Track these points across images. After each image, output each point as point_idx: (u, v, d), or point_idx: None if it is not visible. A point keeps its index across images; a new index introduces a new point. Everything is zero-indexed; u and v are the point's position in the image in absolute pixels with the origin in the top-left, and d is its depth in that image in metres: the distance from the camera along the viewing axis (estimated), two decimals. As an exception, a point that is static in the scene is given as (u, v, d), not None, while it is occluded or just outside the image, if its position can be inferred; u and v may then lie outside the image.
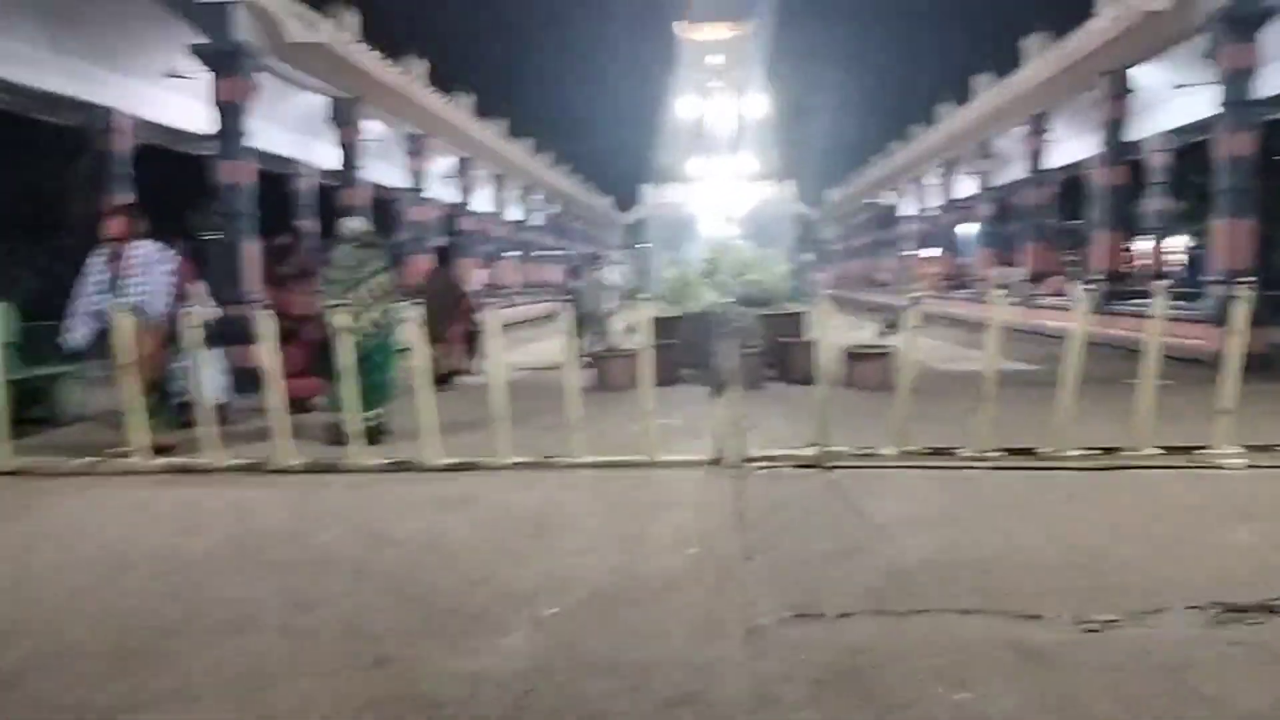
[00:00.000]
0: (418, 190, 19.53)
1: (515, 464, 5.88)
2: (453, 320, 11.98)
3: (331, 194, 24.02)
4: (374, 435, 6.87)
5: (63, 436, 7.61)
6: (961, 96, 24.48)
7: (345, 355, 5.86)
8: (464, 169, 23.06)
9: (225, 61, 11.89)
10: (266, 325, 5.97)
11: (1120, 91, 14.47)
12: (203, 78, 13.10)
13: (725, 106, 65.98)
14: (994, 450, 5.61)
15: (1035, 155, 18.85)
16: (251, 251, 12.24)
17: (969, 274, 26.63)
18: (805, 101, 49.90)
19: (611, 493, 5.32)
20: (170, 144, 18.58)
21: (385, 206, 24.91)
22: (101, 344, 6.65)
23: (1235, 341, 5.19)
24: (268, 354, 5.98)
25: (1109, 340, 14.22)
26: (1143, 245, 22.07)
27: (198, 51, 11.94)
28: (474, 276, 23.42)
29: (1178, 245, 25.44)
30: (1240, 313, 5.12)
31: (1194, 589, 3.81)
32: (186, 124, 17.07)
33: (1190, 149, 21.56)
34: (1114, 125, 14.82)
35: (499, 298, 22.14)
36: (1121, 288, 14.84)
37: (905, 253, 33.63)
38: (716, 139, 63.70)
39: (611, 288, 16.11)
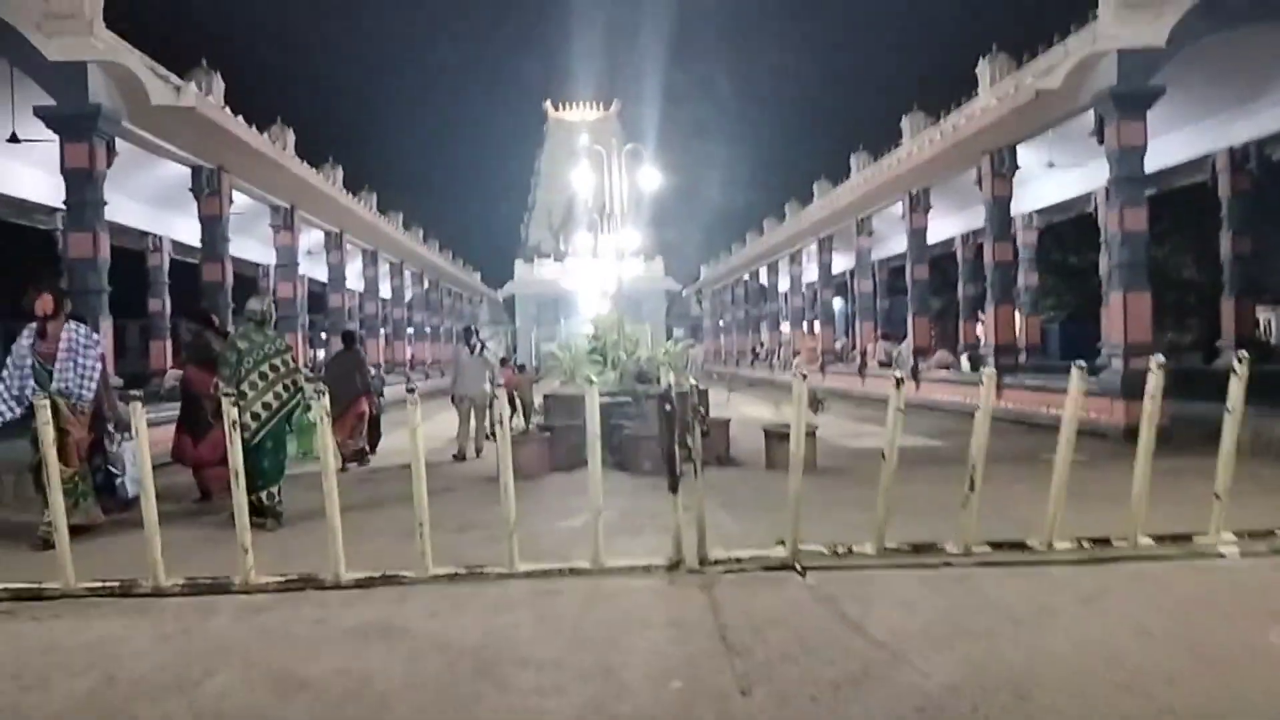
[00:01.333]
0: (286, 265, 18.39)
1: (439, 576, 5.05)
2: (356, 403, 11.91)
3: (188, 269, 22.66)
4: (266, 515, 7.18)
5: None
6: (838, 176, 24.96)
7: (235, 439, 4.99)
8: (334, 244, 22.00)
9: (76, 126, 10.80)
10: (139, 412, 5.04)
11: (1006, 169, 14.75)
12: (51, 143, 11.95)
13: (595, 185, 66.25)
14: (981, 545, 5.11)
15: (917, 231, 19.14)
16: (105, 330, 11.03)
17: (848, 349, 26.92)
18: (680, 180, 50.38)
19: (562, 612, 4.55)
20: (12, 216, 17.05)
21: (248, 283, 23.54)
22: (27, 424, 6.57)
23: (1233, 422, 4.86)
24: (141, 444, 5.04)
25: (1005, 414, 14.27)
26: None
27: (43, 115, 10.81)
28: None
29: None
30: (1237, 389, 4.80)
31: (1256, 709, 3.36)
32: (31, 194, 15.67)
33: (1052, 227, 22.51)
34: (1000, 202, 15.08)
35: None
36: (1011, 361, 14.95)
37: (782, 328, 33.90)
38: (587, 217, 63.78)
39: (493, 365, 15.31)
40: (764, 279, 35.48)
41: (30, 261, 26.06)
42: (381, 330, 27.69)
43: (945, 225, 21.65)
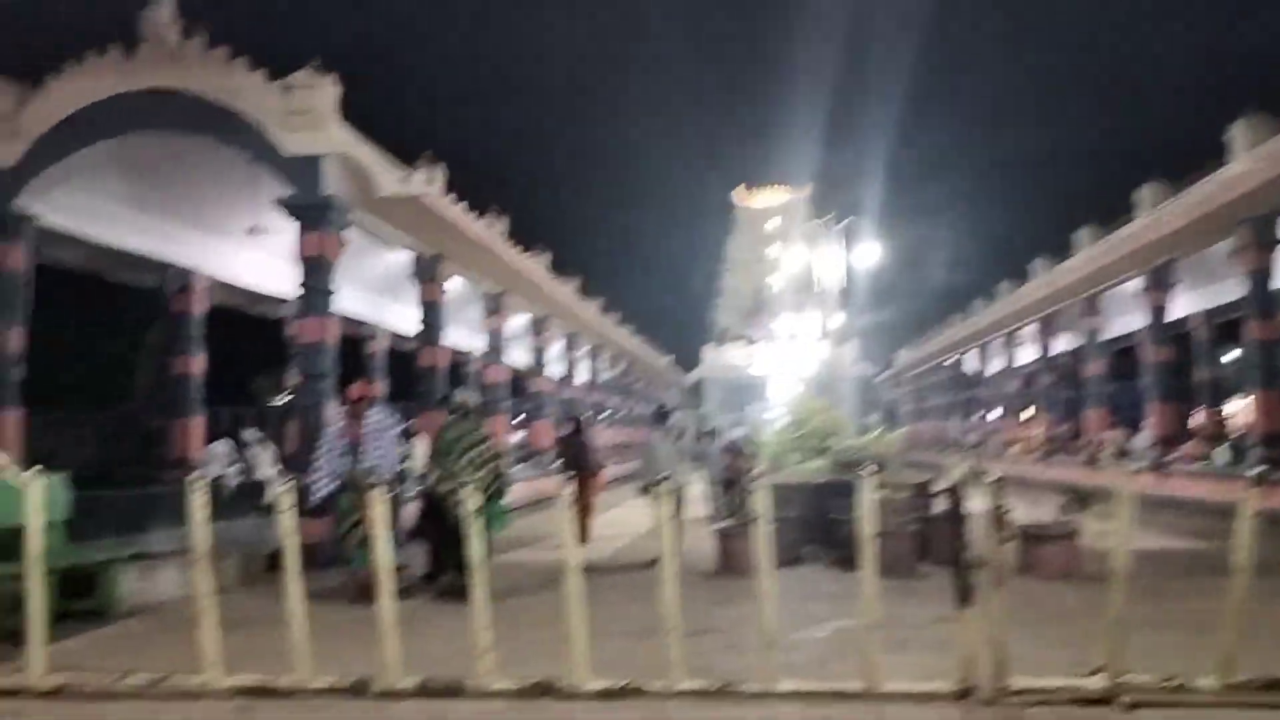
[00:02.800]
0: (495, 351, 18.67)
1: (688, 691, 4.50)
2: (587, 485, 12.33)
3: (402, 357, 23.50)
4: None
5: (116, 639, 6.32)
6: (1055, 254, 23.55)
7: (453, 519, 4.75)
8: (538, 329, 22.28)
9: (314, 215, 11.20)
10: (379, 499, 4.85)
11: (1268, 239, 13.32)
12: (283, 235, 12.55)
13: (784, 269, 66.35)
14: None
15: (1157, 309, 17.55)
16: (333, 415, 11.28)
17: (1074, 437, 25.06)
18: (875, 263, 49.20)
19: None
20: (245, 305, 18.13)
21: (455, 369, 24.21)
22: (340, 500, 7.98)
23: None
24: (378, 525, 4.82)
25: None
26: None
27: (285, 204, 11.28)
28: (548, 439, 22.43)
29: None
30: None
31: None
32: (262, 284, 16.59)
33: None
34: (1260, 275, 13.60)
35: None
36: (1280, 453, 13.23)
37: (995, 414, 32.02)
38: (776, 300, 63.54)
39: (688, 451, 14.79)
40: (972, 363, 33.78)
41: (256, 349, 27.82)
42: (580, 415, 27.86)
43: (1187, 302, 19.85)
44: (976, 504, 4.68)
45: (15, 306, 11.59)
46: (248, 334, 23.26)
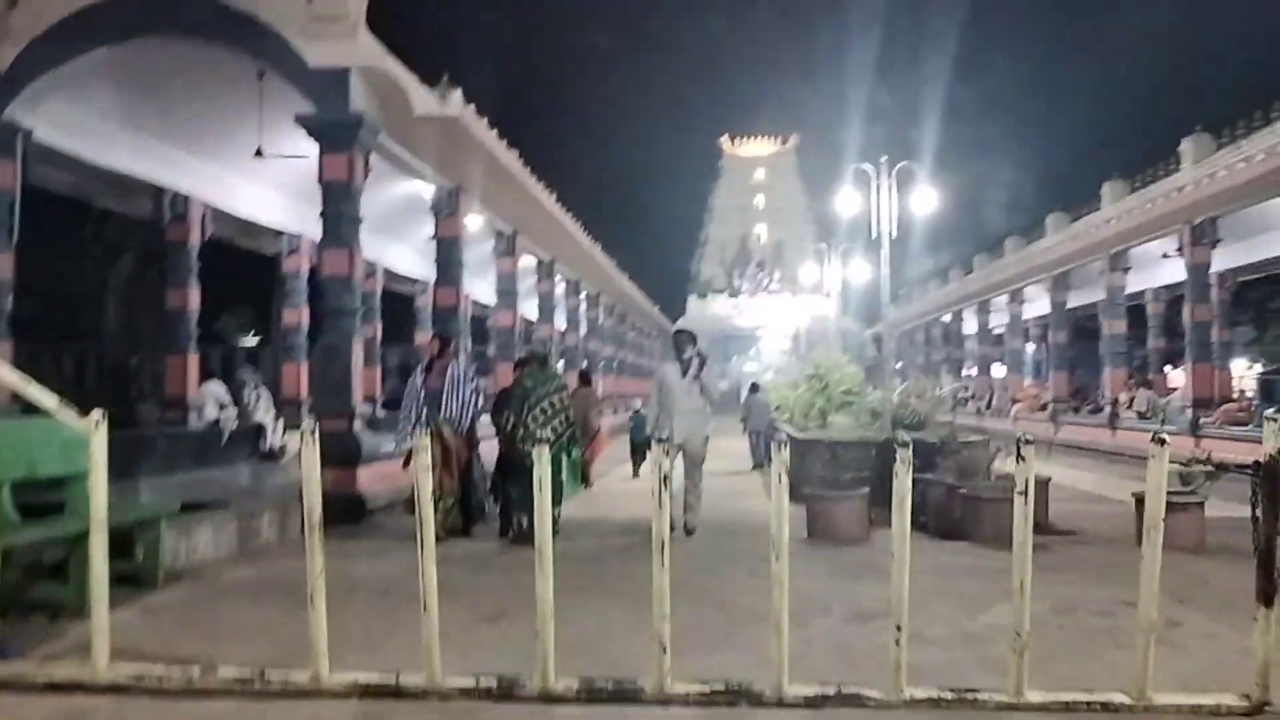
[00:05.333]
0: (506, 293, 17.65)
1: (918, 700, 3.71)
2: (596, 438, 12.82)
3: (395, 298, 22.39)
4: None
5: (170, 610, 5.39)
6: (1076, 205, 22.91)
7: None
8: (545, 273, 21.22)
9: (337, 135, 10.11)
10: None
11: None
12: (287, 163, 11.52)
13: (769, 220, 65.39)
14: None
15: (1199, 267, 16.84)
16: (356, 353, 10.27)
17: (1075, 394, 24.66)
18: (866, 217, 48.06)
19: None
20: (237, 238, 16.92)
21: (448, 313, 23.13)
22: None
23: None
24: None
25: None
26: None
27: (304, 123, 10.17)
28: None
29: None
30: None
31: None
32: (258, 216, 15.43)
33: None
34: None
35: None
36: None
37: (996, 372, 31.58)
38: (762, 253, 62.70)
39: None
40: (970, 320, 33.24)
41: (246, 284, 26.47)
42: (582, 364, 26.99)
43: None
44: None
45: (7, 229, 10.43)
46: (233, 269, 21.97)
